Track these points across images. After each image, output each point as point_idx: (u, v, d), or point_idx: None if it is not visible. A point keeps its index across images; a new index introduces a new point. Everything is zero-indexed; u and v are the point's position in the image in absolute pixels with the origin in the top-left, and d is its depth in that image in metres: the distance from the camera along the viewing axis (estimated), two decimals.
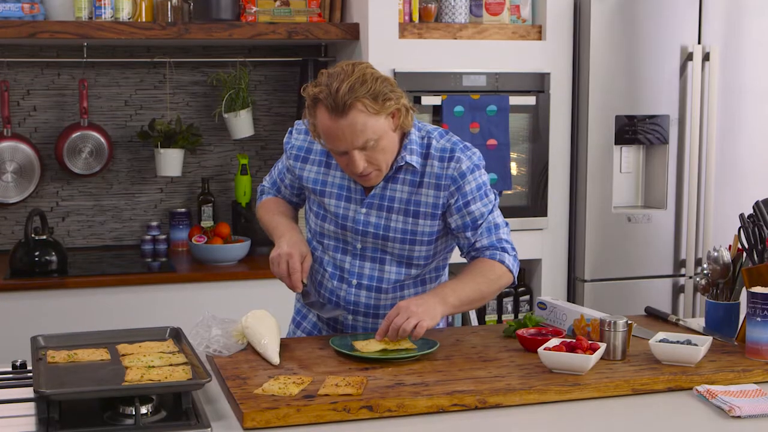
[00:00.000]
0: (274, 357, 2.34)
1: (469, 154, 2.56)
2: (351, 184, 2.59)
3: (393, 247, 2.59)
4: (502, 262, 2.56)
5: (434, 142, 2.56)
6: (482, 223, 2.57)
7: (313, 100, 2.44)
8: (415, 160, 2.53)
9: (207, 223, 4.30)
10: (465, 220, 2.56)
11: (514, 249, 2.61)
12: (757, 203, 2.69)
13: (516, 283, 2.67)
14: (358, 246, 2.60)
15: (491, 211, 2.59)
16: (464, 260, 2.65)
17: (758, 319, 2.37)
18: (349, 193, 2.59)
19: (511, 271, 2.57)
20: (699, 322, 2.76)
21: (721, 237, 4.01)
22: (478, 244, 2.58)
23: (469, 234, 2.57)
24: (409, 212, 2.56)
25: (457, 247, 2.67)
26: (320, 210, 2.64)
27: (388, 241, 2.58)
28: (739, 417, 2.06)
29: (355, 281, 2.62)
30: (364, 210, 2.57)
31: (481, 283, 2.53)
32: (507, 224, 2.63)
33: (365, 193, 2.58)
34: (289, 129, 2.74)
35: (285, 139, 2.74)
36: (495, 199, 2.61)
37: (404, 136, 2.54)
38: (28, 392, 2.10)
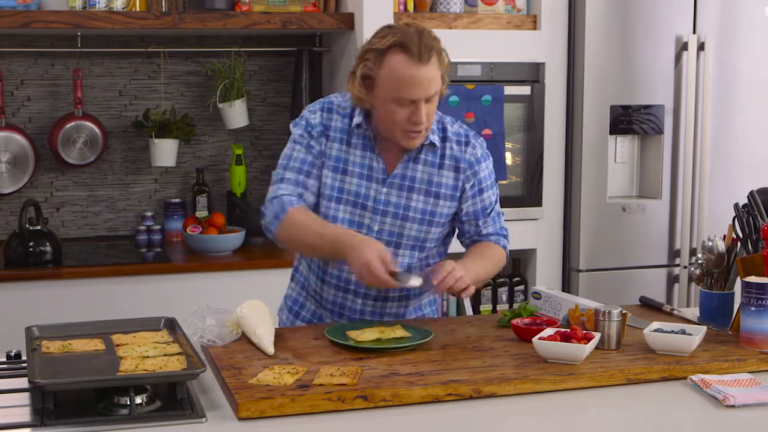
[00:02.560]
0: (269, 347, 2.34)
1: (481, 141, 2.69)
2: (373, 162, 2.60)
3: (411, 228, 2.61)
4: (505, 248, 2.72)
5: (449, 126, 2.66)
6: (491, 212, 2.70)
7: (388, 48, 2.46)
8: (436, 139, 2.61)
9: (202, 214, 4.30)
10: (476, 207, 2.66)
11: (508, 232, 2.77)
12: (751, 193, 2.70)
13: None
14: (375, 228, 2.60)
15: (497, 200, 2.73)
16: (462, 250, 2.69)
17: (752, 308, 2.38)
18: (371, 172, 2.60)
19: (507, 256, 2.74)
20: (693, 312, 2.76)
21: (716, 227, 4.01)
22: (484, 231, 2.70)
23: (480, 221, 2.69)
24: (431, 192, 2.61)
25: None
26: (333, 192, 2.60)
27: (407, 221, 2.61)
28: (733, 406, 2.06)
29: None
30: (385, 189, 2.60)
31: (488, 266, 2.64)
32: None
33: (386, 172, 2.60)
34: (298, 121, 2.67)
35: (297, 129, 2.64)
36: (497, 189, 2.74)
37: None
38: (22, 383, 2.10)
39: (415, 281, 2.43)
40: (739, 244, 2.66)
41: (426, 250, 2.66)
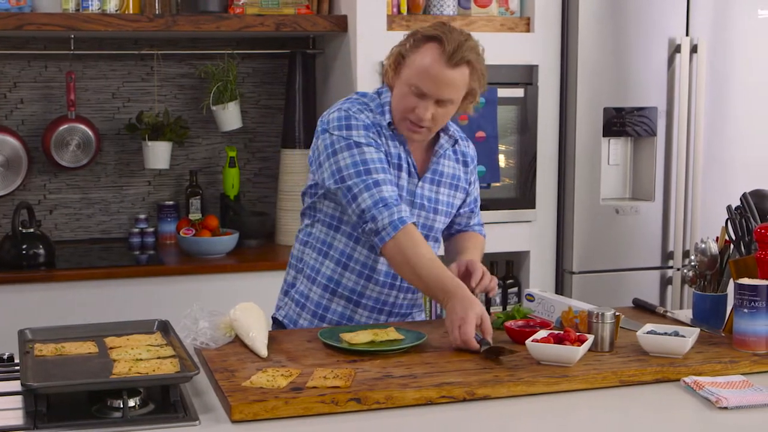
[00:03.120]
0: (262, 349, 2.34)
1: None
2: (408, 158, 2.64)
3: (439, 221, 2.71)
4: (484, 236, 2.89)
5: (451, 125, 2.74)
6: (477, 204, 2.88)
7: (428, 37, 2.51)
8: (456, 136, 2.74)
9: (195, 216, 4.30)
10: (471, 198, 2.83)
11: None
12: (744, 195, 2.70)
13: None
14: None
15: (479, 195, 2.89)
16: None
17: (745, 310, 2.38)
18: (408, 165, 2.65)
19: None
20: (686, 314, 2.77)
21: (709, 229, 4.02)
22: (471, 222, 2.85)
23: (473, 213, 2.84)
24: (453, 186, 2.74)
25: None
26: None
27: (437, 214, 2.69)
28: (726, 408, 2.06)
29: None
30: (421, 183, 2.66)
31: (480, 255, 2.79)
32: None
33: (418, 167, 2.66)
34: (337, 126, 2.56)
35: (354, 133, 2.53)
36: None
37: None
38: (15, 386, 2.09)
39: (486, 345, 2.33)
40: (731, 246, 2.67)
41: (438, 243, 2.78)
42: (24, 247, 3.80)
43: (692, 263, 2.69)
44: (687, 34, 4.13)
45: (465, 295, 2.40)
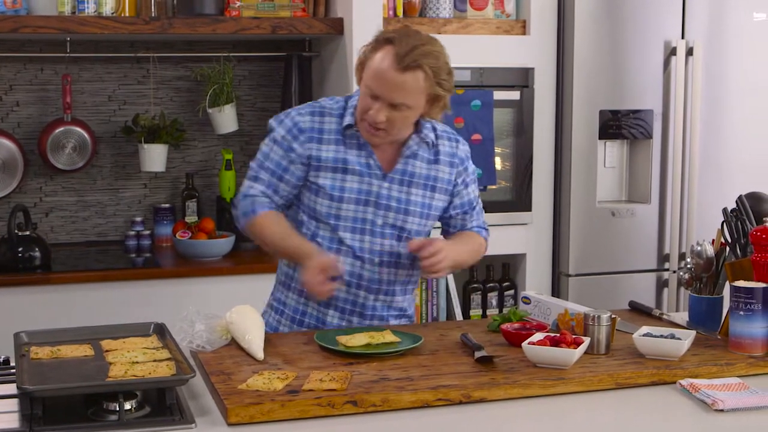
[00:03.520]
0: (258, 352, 2.34)
1: (464, 140, 2.81)
2: (369, 160, 2.64)
3: (412, 222, 2.68)
4: (485, 239, 2.86)
5: (438, 126, 2.74)
6: (475, 206, 2.81)
7: (385, 40, 2.53)
8: (432, 137, 2.70)
9: (191, 219, 4.29)
10: (464, 200, 2.77)
11: (488, 231, 2.91)
12: (740, 197, 2.71)
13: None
14: (379, 222, 2.65)
15: (478, 197, 2.85)
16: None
17: (741, 313, 2.38)
18: (369, 170, 2.65)
19: (486, 249, 2.88)
20: (682, 316, 2.77)
21: (705, 231, 4.02)
22: (469, 225, 2.82)
23: (467, 215, 2.80)
24: (428, 186, 2.70)
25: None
26: (335, 192, 2.63)
27: (408, 215, 2.67)
28: (722, 411, 2.06)
29: (377, 259, 2.66)
30: (386, 184, 2.65)
31: (472, 252, 2.79)
32: None
33: (384, 168, 2.65)
34: (277, 119, 2.71)
35: (281, 129, 2.67)
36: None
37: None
38: (11, 389, 2.09)
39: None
40: (727, 248, 2.67)
41: None
42: (20, 249, 3.80)
43: (688, 266, 2.70)
44: (683, 37, 4.14)
45: (306, 253, 2.57)
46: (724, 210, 2.70)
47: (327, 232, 2.66)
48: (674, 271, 4.20)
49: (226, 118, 4.25)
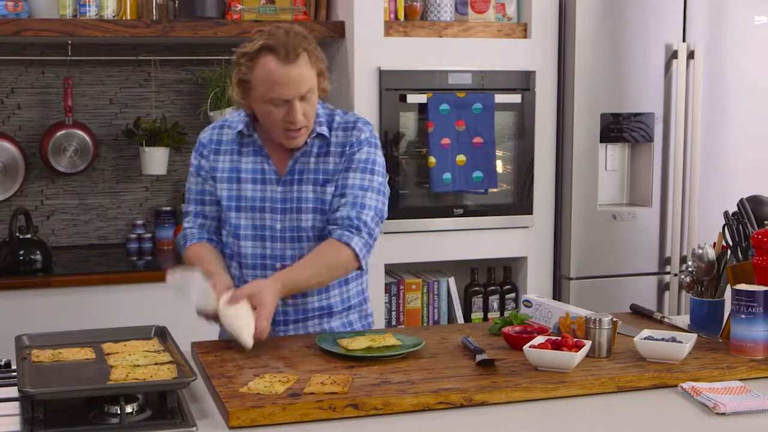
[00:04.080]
0: (249, 340, 2.35)
1: (370, 128, 2.71)
2: (264, 166, 2.67)
3: (306, 219, 2.64)
4: (348, 244, 2.57)
5: (338, 117, 2.71)
6: (350, 194, 2.61)
7: (257, 51, 2.53)
8: (324, 130, 2.66)
9: None
10: (338, 184, 2.64)
11: (371, 235, 2.62)
12: (741, 200, 2.71)
13: (364, 268, 2.67)
14: (278, 227, 2.65)
15: (366, 189, 2.63)
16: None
17: (743, 316, 2.38)
18: (264, 175, 2.67)
19: (357, 256, 2.58)
20: (684, 320, 2.77)
21: (706, 234, 4.02)
22: (337, 213, 2.61)
23: (341, 199, 2.61)
24: (318, 181, 2.66)
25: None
26: (232, 202, 2.68)
27: (302, 213, 2.64)
28: (723, 414, 2.06)
29: (278, 265, 2.65)
30: (280, 188, 2.65)
31: (319, 274, 2.56)
32: (382, 216, 2.67)
33: (279, 173, 2.66)
34: (195, 148, 2.81)
35: (192, 157, 2.79)
36: (379, 185, 2.66)
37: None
38: (12, 392, 2.09)
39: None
40: (729, 251, 2.67)
41: (313, 242, 2.67)
42: (21, 253, 3.80)
43: (689, 269, 2.69)
44: (684, 40, 4.14)
45: (220, 287, 2.50)
46: (726, 213, 2.70)
47: (235, 246, 2.70)
48: (675, 275, 4.20)
49: None
